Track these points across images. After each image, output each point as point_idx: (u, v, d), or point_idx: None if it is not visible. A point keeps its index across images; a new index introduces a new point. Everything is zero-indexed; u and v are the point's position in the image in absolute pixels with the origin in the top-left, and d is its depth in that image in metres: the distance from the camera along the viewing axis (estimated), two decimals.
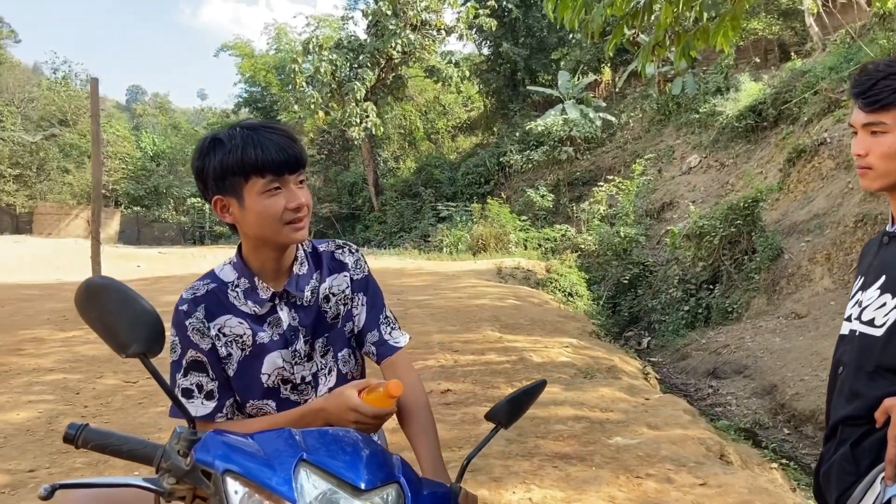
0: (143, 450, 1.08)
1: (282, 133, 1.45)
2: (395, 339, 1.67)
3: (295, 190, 1.44)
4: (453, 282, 11.94)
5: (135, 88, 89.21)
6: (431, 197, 26.05)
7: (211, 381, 1.50)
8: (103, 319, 1.12)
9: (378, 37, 25.32)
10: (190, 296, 1.52)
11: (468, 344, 6.75)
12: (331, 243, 1.65)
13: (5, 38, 50.94)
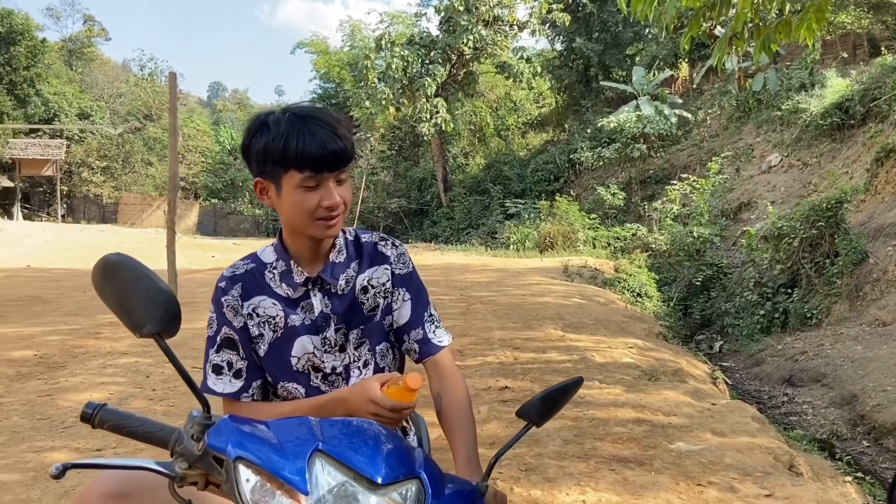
0: (159, 433, 1.07)
1: (329, 126, 1.39)
2: (438, 338, 1.62)
3: (332, 188, 1.40)
4: (518, 279, 11.82)
5: (216, 85, 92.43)
6: (500, 193, 25.91)
7: (241, 360, 1.50)
8: (119, 297, 1.10)
9: (450, 33, 25.33)
10: (229, 274, 1.52)
11: (529, 341, 6.65)
12: (374, 235, 1.62)
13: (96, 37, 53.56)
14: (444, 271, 13.39)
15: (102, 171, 34.08)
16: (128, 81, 44.31)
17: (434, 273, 13.08)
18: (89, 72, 47.24)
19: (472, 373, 5.51)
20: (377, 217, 29.68)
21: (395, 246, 1.62)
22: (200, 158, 37.87)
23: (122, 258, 1.13)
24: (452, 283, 11.38)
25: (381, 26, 29.36)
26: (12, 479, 3.49)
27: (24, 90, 34.84)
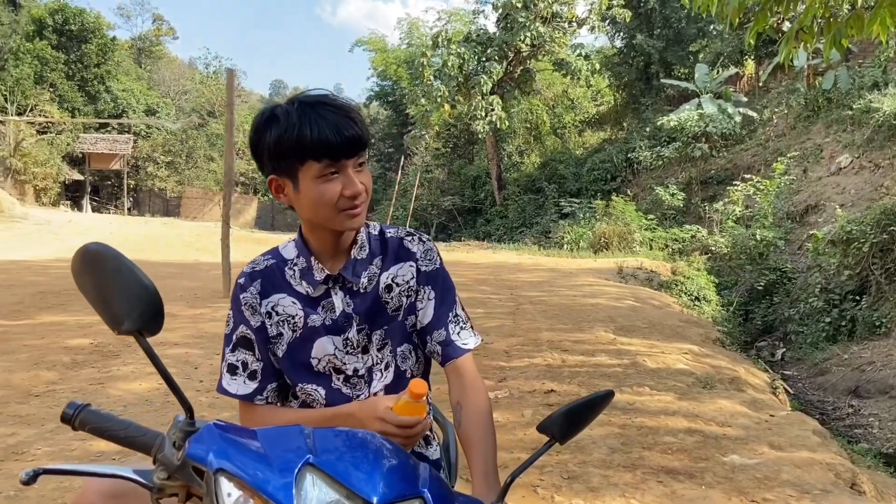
0: (142, 438, 1.00)
1: (342, 111, 1.31)
2: (463, 340, 1.52)
3: (353, 175, 1.32)
4: (570, 279, 11.60)
5: (277, 83, 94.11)
6: (555, 192, 25.59)
7: (256, 361, 1.43)
8: (98, 290, 1.03)
9: (507, 30, 25.12)
10: (249, 270, 1.46)
11: (578, 344, 6.48)
12: (401, 230, 1.53)
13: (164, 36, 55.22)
14: (495, 270, 13.25)
15: (167, 166, 35.10)
16: (193, 79, 45.51)
17: (484, 272, 12.96)
18: (157, 70, 48.76)
19: (518, 374, 5.38)
20: (430, 214, 29.70)
21: (421, 241, 1.52)
22: None
23: (102, 248, 1.05)
24: (502, 282, 11.24)
25: (439, 24, 29.36)
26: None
27: (95, 87, 36.16)
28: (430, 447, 1.55)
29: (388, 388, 1.45)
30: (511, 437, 3.99)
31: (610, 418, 4.30)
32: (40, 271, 11.65)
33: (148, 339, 1.04)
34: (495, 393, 4.89)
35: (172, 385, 1.00)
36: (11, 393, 4.84)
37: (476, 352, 5.42)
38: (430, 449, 1.54)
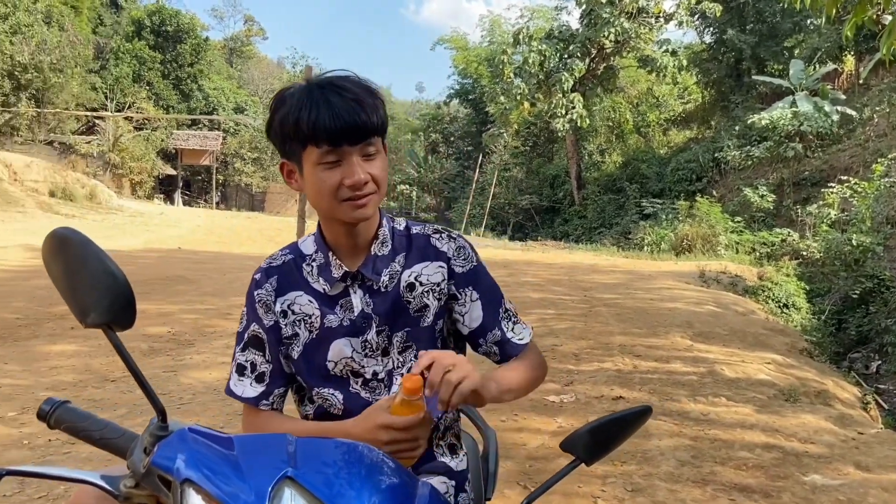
0: (117, 440, 0.94)
1: (350, 94, 1.21)
2: (518, 336, 1.41)
3: (356, 164, 1.22)
4: (648, 282, 11.22)
5: None
6: (636, 193, 24.94)
7: (265, 363, 1.35)
8: (66, 278, 0.96)
9: (590, 26, 24.64)
10: (266, 265, 1.38)
11: (652, 349, 6.22)
12: (428, 227, 1.42)
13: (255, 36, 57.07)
14: (570, 271, 12.98)
15: (253, 162, 36.22)
16: (281, 78, 46.80)
17: (558, 272, 12.71)
18: (247, 69, 50.46)
19: (586, 379, 5.20)
20: (507, 213, 29.49)
21: (452, 239, 1.39)
22: None
23: (70, 233, 0.98)
24: (576, 283, 10.98)
25: (521, 21, 29.05)
26: None
27: (188, 85, 37.71)
28: (455, 457, 1.43)
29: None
30: None
31: (681, 429, 4.08)
32: (129, 261, 12.15)
33: (119, 333, 0.97)
34: (561, 397, 4.74)
35: (143, 385, 0.93)
36: (90, 378, 5.03)
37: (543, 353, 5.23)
38: (456, 459, 1.43)
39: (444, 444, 1.40)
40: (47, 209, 21.64)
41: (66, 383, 4.86)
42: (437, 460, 1.37)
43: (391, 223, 1.39)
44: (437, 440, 1.40)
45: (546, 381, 4.98)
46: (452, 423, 1.44)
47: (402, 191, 36.31)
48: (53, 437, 3.79)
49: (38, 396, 4.52)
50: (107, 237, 16.63)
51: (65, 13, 32.12)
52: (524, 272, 12.59)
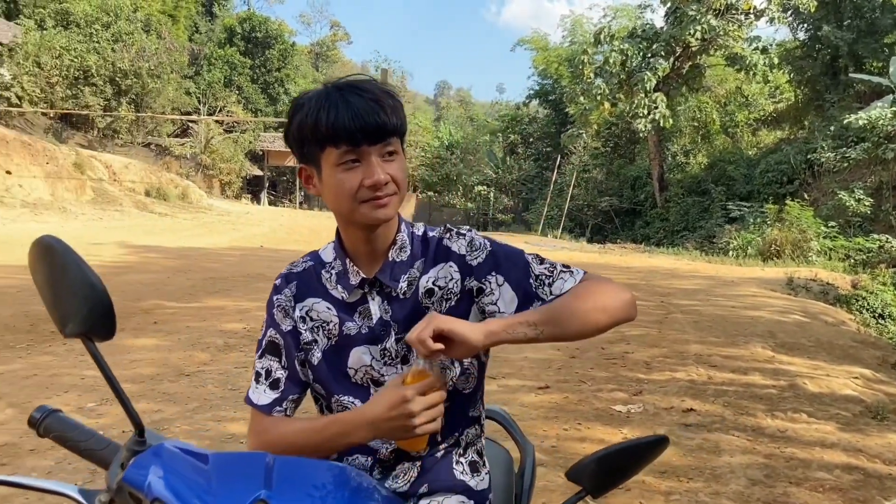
0: (102, 451, 0.93)
1: (369, 95, 1.20)
2: (561, 288, 1.28)
3: (375, 163, 1.20)
4: (730, 288, 10.79)
5: (442, 84, 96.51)
6: (722, 195, 24.04)
7: (281, 369, 1.33)
8: (48, 287, 0.96)
9: (676, 24, 23.93)
10: (286, 271, 1.38)
11: (730, 360, 5.96)
12: (440, 229, 1.39)
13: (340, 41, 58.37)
14: (647, 275, 12.63)
15: None
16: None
17: (635, 276, 12.40)
18: (332, 73, 51.65)
19: (656, 389, 5.03)
20: (586, 215, 29.00)
21: (460, 235, 1.35)
22: (420, 153, 39.69)
23: (52, 241, 0.98)
24: (654, 288, 10.68)
25: (604, 20, 28.55)
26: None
27: (276, 89, 38.95)
28: (476, 475, 1.36)
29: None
30: None
31: (755, 446, 3.88)
32: (215, 258, 12.64)
33: (99, 344, 0.97)
34: (628, 407, 4.60)
35: (120, 398, 0.93)
36: (166, 371, 5.23)
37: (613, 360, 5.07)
38: (477, 478, 1.36)
39: (464, 462, 1.35)
40: (143, 208, 22.79)
41: (144, 376, 5.07)
42: (455, 479, 1.32)
43: (410, 228, 1.36)
44: (458, 457, 1.35)
45: (613, 389, 4.82)
46: (475, 440, 1.39)
47: (479, 192, 36.28)
48: (127, 430, 3.95)
49: None
50: (196, 235, 17.36)
51: (163, 21, 33.80)
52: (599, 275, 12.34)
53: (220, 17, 42.84)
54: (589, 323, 1.20)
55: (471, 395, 1.36)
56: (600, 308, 1.21)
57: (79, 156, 23.08)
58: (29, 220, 17.99)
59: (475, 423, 1.39)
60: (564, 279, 1.29)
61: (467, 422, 1.37)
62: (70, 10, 29.07)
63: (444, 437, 1.33)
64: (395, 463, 1.30)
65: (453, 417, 1.32)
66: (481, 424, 1.41)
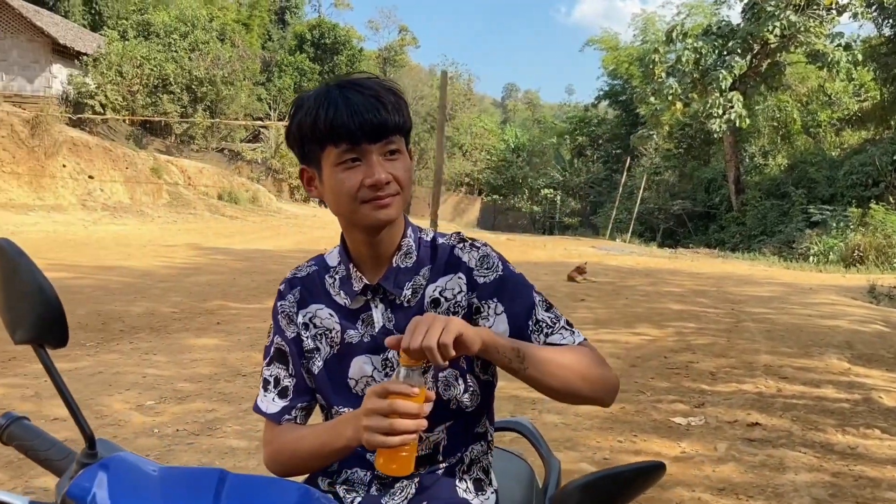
0: (59, 462, 0.89)
1: (369, 92, 1.14)
2: (556, 342, 1.22)
3: (377, 163, 1.14)
4: (807, 296, 10.28)
5: (510, 86, 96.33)
6: (802, 198, 23.05)
7: (288, 377, 1.29)
8: (1, 291, 0.94)
9: (753, 21, 23.10)
10: (290, 276, 1.33)
11: (802, 371, 5.64)
12: (453, 236, 1.31)
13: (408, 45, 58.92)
14: (719, 281, 12.17)
15: None
16: (431, 85, 48.02)
17: (706, 282, 11.97)
18: (399, 77, 52.21)
19: (720, 401, 4.79)
20: (657, 219, 28.29)
21: (475, 248, 1.26)
22: (486, 156, 39.63)
23: (5, 244, 0.94)
24: (724, 295, 10.27)
25: (678, 18, 27.82)
26: (240, 445, 3.77)
27: None
28: (480, 494, 1.27)
29: (428, 418, 1.23)
30: (696, 473, 3.52)
31: (822, 463, 3.63)
32: (279, 260, 12.88)
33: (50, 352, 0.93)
34: (689, 419, 4.39)
35: (71, 408, 0.88)
36: (223, 371, 5.31)
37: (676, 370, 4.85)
38: (482, 497, 1.27)
39: (468, 479, 1.27)
40: (215, 211, 23.52)
41: (202, 375, 5.16)
42: (458, 497, 1.24)
43: (417, 233, 1.29)
44: (461, 474, 1.27)
45: (673, 400, 4.62)
46: (480, 457, 1.31)
47: (545, 195, 35.94)
48: (181, 428, 4.02)
49: (176, 387, 4.84)
50: (263, 238, 17.79)
51: (237, 30, 34.86)
52: (667, 281, 11.97)
53: (291, 24, 43.91)
54: (569, 385, 1.16)
55: (476, 413, 1.28)
56: (586, 378, 1.17)
57: (156, 161, 24.03)
58: (109, 223, 18.81)
59: (481, 440, 1.31)
60: (563, 335, 1.23)
61: (472, 438, 1.29)
62: (150, 21, 30.33)
63: (446, 455, 1.26)
64: (393, 480, 1.23)
65: (456, 435, 1.26)
66: (488, 441, 1.33)
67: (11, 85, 26.00)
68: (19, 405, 4.31)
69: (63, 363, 5.32)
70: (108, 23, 31.98)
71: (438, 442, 1.25)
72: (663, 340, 6.86)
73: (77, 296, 8.14)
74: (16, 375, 4.97)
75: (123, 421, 4.12)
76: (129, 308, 7.62)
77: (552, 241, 24.40)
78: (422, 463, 1.23)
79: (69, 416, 0.89)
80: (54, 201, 19.42)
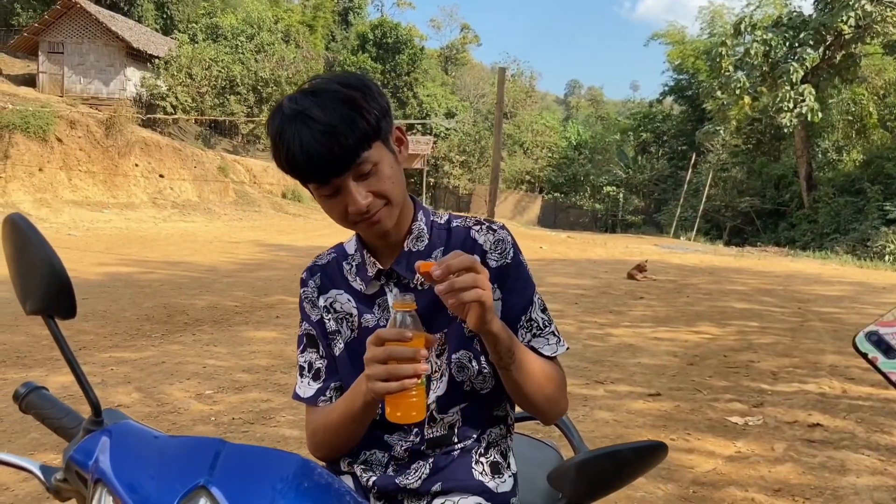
0: (72, 429, 0.92)
1: (320, 124, 1.08)
2: (539, 348, 1.23)
3: (353, 190, 1.12)
4: (879, 295, 9.83)
5: (573, 83, 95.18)
6: (879, 195, 22.07)
7: (320, 359, 1.30)
8: (13, 264, 0.97)
9: (826, 11, 22.22)
10: (311, 264, 1.35)
11: (870, 372, 5.37)
12: (469, 219, 1.30)
13: (470, 43, 58.96)
14: (786, 280, 11.76)
15: (461, 165, 37.46)
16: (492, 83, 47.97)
17: (772, 281, 11.58)
18: (460, 75, 52.31)
19: (780, 400, 4.63)
20: (724, 216, 27.52)
21: (491, 230, 1.26)
22: (547, 153, 39.30)
23: (18, 219, 0.99)
24: (791, 293, 9.92)
25: (747, 9, 26.97)
26: (292, 434, 3.85)
27: (405, 93, 39.95)
28: (497, 477, 1.26)
29: (441, 399, 1.22)
30: (751, 473, 3.42)
31: (886, 466, 3.48)
32: None
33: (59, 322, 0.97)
34: (746, 418, 4.26)
35: (78, 377, 0.91)
36: (280, 363, 5.44)
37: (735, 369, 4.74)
38: (498, 479, 1.26)
39: (485, 462, 1.26)
40: (278, 209, 24.08)
41: (260, 367, 5.29)
42: (473, 479, 1.23)
43: (429, 216, 1.29)
44: (478, 457, 1.26)
45: (731, 400, 4.51)
46: (499, 440, 1.30)
47: (608, 192, 35.41)
48: (237, 417, 4.14)
49: (234, 378, 4.98)
50: (324, 235, 18.11)
51: (301, 31, 35.57)
52: (731, 279, 11.64)
53: (354, 24, 44.54)
54: (533, 397, 1.19)
55: (492, 395, 1.27)
56: (549, 398, 1.22)
57: (223, 160, 24.74)
58: (178, 220, 19.49)
59: (500, 423, 1.30)
60: (549, 341, 1.25)
61: (490, 421, 1.29)
62: (219, 24, 31.26)
63: (461, 438, 1.26)
64: (409, 461, 1.24)
65: (471, 417, 1.26)
66: (508, 425, 1.32)
67: (89, 87, 27.21)
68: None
69: (129, 353, 5.56)
70: (179, 26, 33.10)
71: (453, 423, 1.24)
72: (724, 339, 6.68)
73: (145, 289, 8.46)
74: (84, 364, 5.20)
75: (183, 409, 4.26)
76: (193, 301, 7.88)
77: (613, 238, 24.02)
78: (437, 444, 1.24)
79: (133, 402, 0.94)
80: (127, 199, 20.25)
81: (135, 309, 7.34)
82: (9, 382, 4.67)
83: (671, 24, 38.17)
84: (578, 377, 5.16)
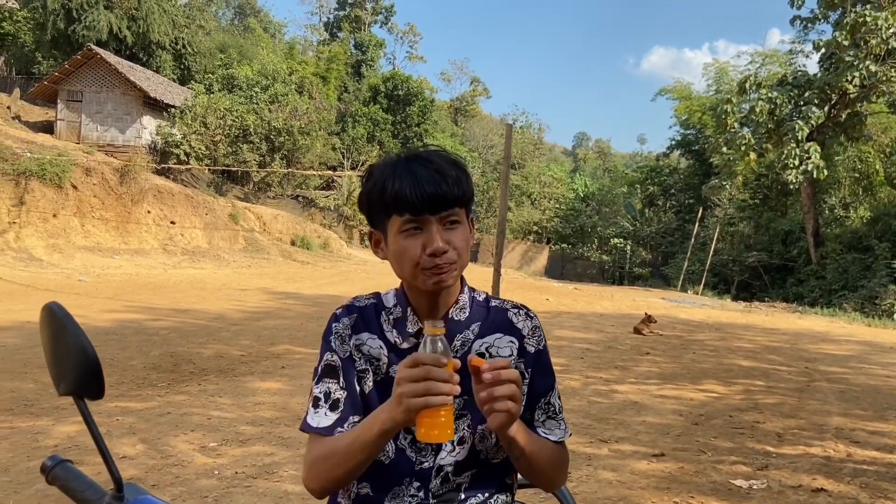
0: (95, 502, 0.98)
1: (433, 166, 1.26)
2: (546, 429, 1.35)
3: (436, 232, 1.25)
4: (888, 356, 9.77)
5: (581, 135, 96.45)
6: (887, 252, 22.06)
7: (340, 389, 1.32)
8: (49, 349, 1.06)
9: (831, 70, 22.58)
10: (348, 303, 1.41)
11: (876, 435, 5.36)
12: (507, 302, 1.41)
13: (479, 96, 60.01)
14: (794, 338, 11.71)
15: None
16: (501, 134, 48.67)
17: (779, 339, 11.53)
18: (470, 126, 53.10)
19: (785, 464, 4.61)
20: (731, 271, 27.48)
21: (529, 317, 1.39)
22: (554, 205, 39.56)
23: (55, 307, 1.08)
24: (798, 352, 9.87)
25: (752, 67, 27.46)
26: (295, 490, 3.85)
27: (415, 144, 40.50)
28: None
29: (459, 465, 1.28)
30: None
31: None
32: None
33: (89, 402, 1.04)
34: (750, 482, 4.24)
35: (103, 453, 0.98)
36: (285, 416, 5.45)
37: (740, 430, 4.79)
38: None
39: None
40: (287, 256, 24.22)
41: (264, 419, 5.30)
42: None
43: (472, 293, 1.39)
44: None
45: (736, 462, 4.50)
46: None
47: (615, 244, 35.49)
48: (240, 471, 4.15)
49: (238, 430, 4.99)
50: (332, 283, 18.18)
51: (314, 83, 36.33)
52: (738, 336, 11.59)
53: (366, 77, 45.49)
54: (536, 475, 1.33)
55: (502, 465, 1.34)
56: (551, 479, 1.37)
57: (234, 207, 25.03)
58: (187, 267, 19.63)
59: (506, 491, 1.37)
60: (560, 425, 1.38)
61: (497, 487, 1.35)
62: (234, 75, 32.00)
63: (468, 498, 1.31)
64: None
65: (481, 481, 1.32)
66: (513, 492, 1.39)
67: (105, 135, 27.76)
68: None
69: (135, 402, 5.58)
70: (196, 77, 33.89)
71: (462, 484, 1.30)
72: (729, 398, 6.65)
73: (153, 337, 8.51)
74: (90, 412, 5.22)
75: (186, 461, 4.27)
76: (200, 350, 7.91)
77: (621, 291, 23.99)
78: (444, 502, 1.28)
79: (138, 454, 0.99)
80: (138, 245, 20.45)
81: (142, 357, 7.38)
82: (16, 431, 4.70)
83: (677, 81, 38.78)
84: (583, 435, 5.15)
